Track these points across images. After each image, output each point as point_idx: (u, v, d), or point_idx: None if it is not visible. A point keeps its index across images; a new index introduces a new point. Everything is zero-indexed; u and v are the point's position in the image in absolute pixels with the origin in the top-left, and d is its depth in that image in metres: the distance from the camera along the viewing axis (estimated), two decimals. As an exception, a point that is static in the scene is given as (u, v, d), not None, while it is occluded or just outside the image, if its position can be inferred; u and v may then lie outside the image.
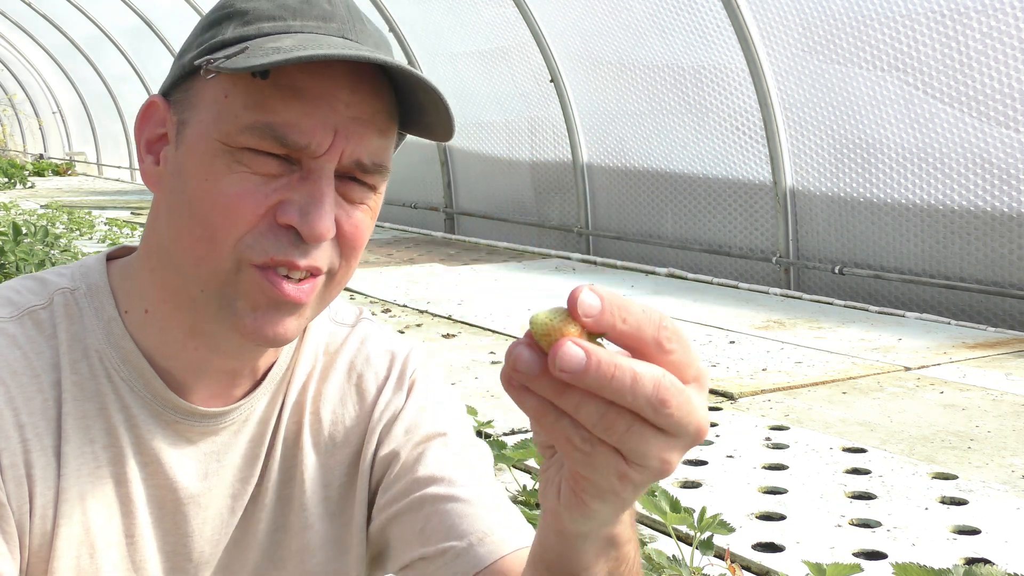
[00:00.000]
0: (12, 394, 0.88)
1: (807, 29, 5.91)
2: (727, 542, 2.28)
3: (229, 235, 0.85)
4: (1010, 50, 5.02)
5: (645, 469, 0.63)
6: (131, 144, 16.60)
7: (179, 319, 0.92)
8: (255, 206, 0.85)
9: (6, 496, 0.87)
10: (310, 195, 0.85)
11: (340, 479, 1.02)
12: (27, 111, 22.09)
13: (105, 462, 0.92)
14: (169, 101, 0.91)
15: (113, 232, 8.67)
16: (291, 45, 0.83)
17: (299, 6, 0.88)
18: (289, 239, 0.86)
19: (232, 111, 0.85)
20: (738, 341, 4.69)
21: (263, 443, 0.99)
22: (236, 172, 0.85)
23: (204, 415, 0.95)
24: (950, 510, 2.62)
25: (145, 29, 13.47)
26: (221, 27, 0.89)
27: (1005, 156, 5.15)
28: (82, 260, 0.99)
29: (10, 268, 5.46)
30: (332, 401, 1.03)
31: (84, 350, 0.92)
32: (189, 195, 0.87)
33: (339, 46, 0.84)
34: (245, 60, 0.81)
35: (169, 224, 0.89)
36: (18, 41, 18.65)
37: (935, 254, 5.51)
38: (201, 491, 0.96)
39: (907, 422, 3.39)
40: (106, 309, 0.94)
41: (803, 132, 6.12)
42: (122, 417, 0.92)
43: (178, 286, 0.90)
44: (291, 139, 0.84)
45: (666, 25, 6.78)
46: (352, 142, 0.86)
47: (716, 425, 3.37)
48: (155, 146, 0.92)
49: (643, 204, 7.41)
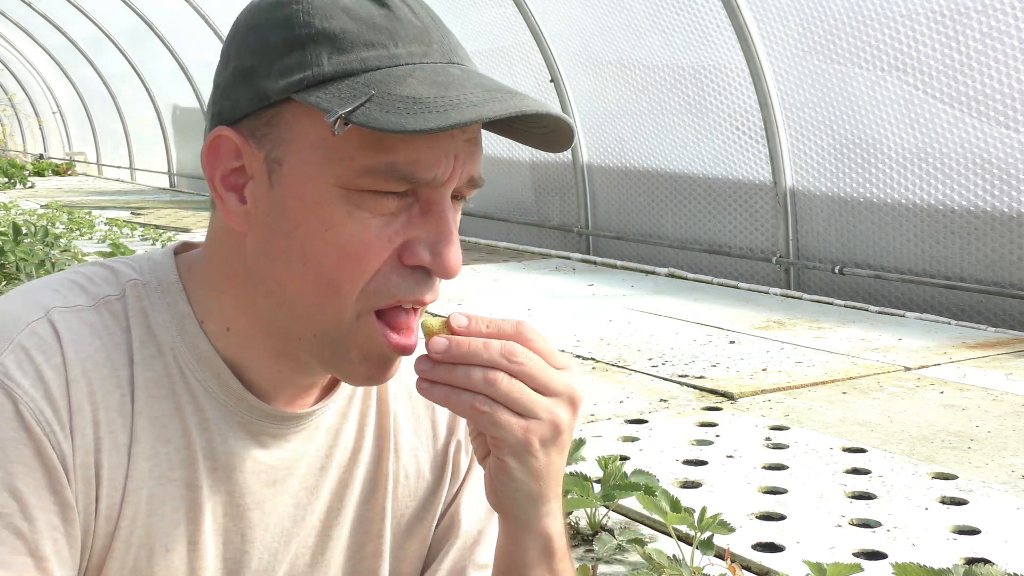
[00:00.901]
0: (93, 387, 0.83)
1: (807, 29, 5.91)
2: (727, 542, 2.28)
3: (354, 286, 0.83)
4: (1010, 50, 5.02)
5: (540, 422, 0.84)
6: (131, 144, 16.60)
7: (268, 344, 0.89)
8: (380, 252, 0.82)
9: (75, 497, 0.82)
10: (438, 232, 0.83)
11: (411, 512, 1.03)
12: (27, 111, 22.09)
13: (177, 464, 0.88)
14: (239, 131, 0.84)
15: (113, 232, 8.67)
16: (428, 94, 0.78)
17: (390, 25, 0.82)
18: (416, 279, 0.84)
19: (345, 153, 0.80)
20: (738, 341, 4.69)
21: (333, 455, 0.97)
22: (356, 219, 0.81)
23: (282, 417, 0.92)
24: (950, 510, 2.62)
25: (145, 29, 13.46)
26: (306, 52, 0.81)
27: (1005, 156, 5.15)
28: (147, 253, 0.95)
29: (10, 268, 5.46)
30: (408, 432, 1.03)
31: (158, 346, 0.88)
32: (302, 242, 0.82)
33: (473, 88, 0.80)
34: (389, 116, 0.76)
35: (273, 266, 0.85)
36: (18, 41, 18.65)
37: (935, 254, 5.51)
38: (267, 497, 0.93)
39: (907, 422, 3.39)
40: (179, 306, 0.89)
41: (803, 132, 6.12)
42: (196, 419, 0.89)
43: (281, 323, 0.87)
44: (417, 176, 0.81)
45: (666, 25, 6.78)
46: (468, 163, 0.84)
47: (716, 425, 3.37)
48: (231, 180, 0.86)
49: (643, 204, 7.41)
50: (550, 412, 0.84)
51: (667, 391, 3.82)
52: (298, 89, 0.80)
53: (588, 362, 4.30)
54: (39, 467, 0.80)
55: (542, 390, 0.84)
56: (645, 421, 3.43)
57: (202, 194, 13.57)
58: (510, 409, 0.83)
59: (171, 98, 14.69)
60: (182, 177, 15.01)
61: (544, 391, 0.84)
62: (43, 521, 0.80)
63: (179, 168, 15.17)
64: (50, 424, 0.81)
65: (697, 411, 3.55)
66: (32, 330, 0.83)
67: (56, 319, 0.85)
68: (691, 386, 3.88)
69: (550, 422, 0.84)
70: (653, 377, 4.04)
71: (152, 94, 14.98)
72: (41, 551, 0.80)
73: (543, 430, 0.84)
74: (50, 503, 0.81)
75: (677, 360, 4.31)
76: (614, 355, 4.42)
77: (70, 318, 0.85)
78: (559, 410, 0.85)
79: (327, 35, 0.81)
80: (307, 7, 0.82)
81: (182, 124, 14.74)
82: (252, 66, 0.83)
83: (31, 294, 0.87)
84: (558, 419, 0.85)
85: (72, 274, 0.90)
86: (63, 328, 0.84)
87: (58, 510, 0.81)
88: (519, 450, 0.84)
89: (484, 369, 0.82)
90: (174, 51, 13.43)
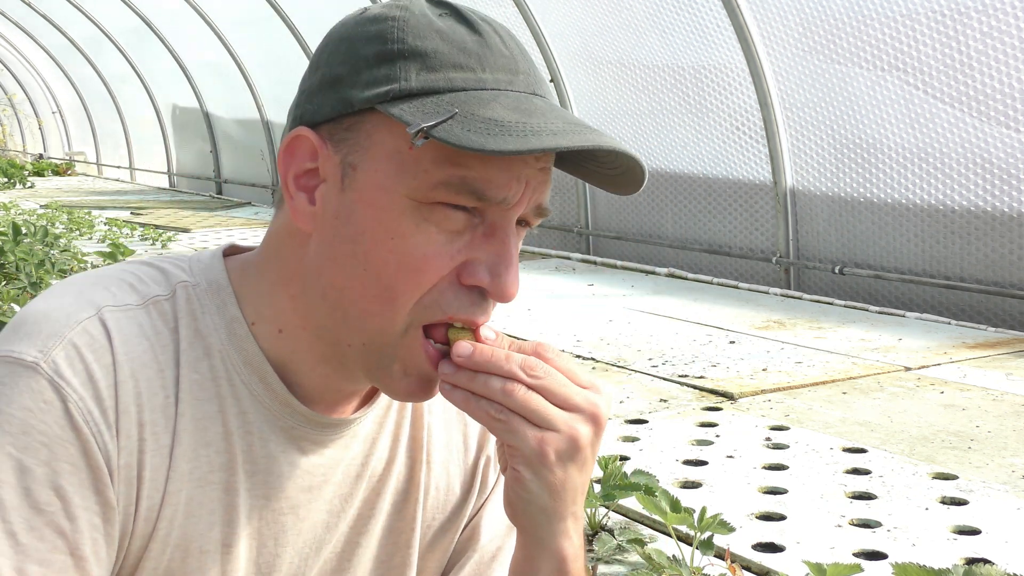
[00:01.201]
0: (140, 389, 0.84)
1: (807, 29, 5.91)
2: (727, 542, 2.28)
3: (411, 297, 0.84)
4: (1010, 50, 5.02)
5: (557, 435, 0.84)
6: (131, 144, 16.60)
7: (318, 348, 0.90)
8: (441, 267, 0.84)
9: (116, 497, 0.83)
10: (499, 255, 0.84)
11: (438, 525, 1.04)
12: (27, 111, 22.08)
13: (217, 467, 0.88)
14: (319, 134, 0.86)
15: (113, 232, 8.66)
16: (510, 119, 0.80)
17: (480, 51, 0.84)
18: (471, 299, 0.85)
19: (420, 165, 0.81)
20: (738, 341, 4.69)
21: (368, 464, 0.98)
22: (423, 231, 0.83)
23: (323, 424, 0.93)
24: (950, 510, 2.62)
25: (145, 29, 13.46)
26: (395, 67, 0.82)
27: (1005, 156, 5.14)
28: (196, 254, 0.95)
29: (10, 268, 5.46)
30: (440, 445, 1.03)
31: (206, 349, 0.88)
32: (366, 248, 0.84)
33: (554, 119, 0.82)
34: (470, 135, 0.77)
35: (335, 269, 0.86)
36: (18, 41, 18.65)
37: (935, 254, 5.51)
38: (302, 503, 0.93)
39: (907, 422, 3.39)
40: (228, 309, 0.90)
41: (803, 132, 6.12)
42: (238, 423, 0.89)
43: (333, 328, 0.88)
44: (489, 194, 0.82)
45: (666, 25, 6.78)
46: (538, 191, 0.85)
47: (716, 425, 3.37)
48: (304, 181, 0.87)
49: (643, 204, 7.41)
50: (568, 426, 0.84)
51: (667, 391, 3.82)
52: (383, 100, 0.82)
53: (588, 362, 4.30)
54: (85, 467, 0.80)
55: (562, 404, 0.84)
56: (645, 421, 3.43)
57: (202, 194, 13.57)
58: (526, 419, 0.83)
59: (171, 98, 14.69)
60: (182, 177, 15.00)
61: (564, 406, 0.84)
62: (85, 521, 0.80)
63: (179, 168, 15.16)
64: (98, 425, 0.81)
65: (697, 411, 3.55)
66: (84, 328, 0.83)
67: (107, 318, 0.85)
68: (691, 386, 3.88)
69: (568, 436, 0.84)
70: (653, 377, 4.03)
71: (152, 94, 14.98)
72: (81, 550, 0.80)
73: (560, 443, 0.84)
74: (93, 503, 0.81)
75: (677, 360, 4.31)
76: (614, 355, 4.41)
77: (120, 317, 0.85)
78: (579, 425, 0.85)
79: (418, 52, 0.83)
80: (402, 24, 0.84)
81: (182, 124, 14.73)
82: (340, 75, 0.85)
83: (82, 290, 0.87)
84: (577, 434, 0.85)
85: (122, 272, 0.91)
86: (114, 328, 0.84)
87: (100, 510, 0.82)
88: (533, 461, 0.84)
89: (503, 380, 0.83)
90: (174, 51, 13.43)
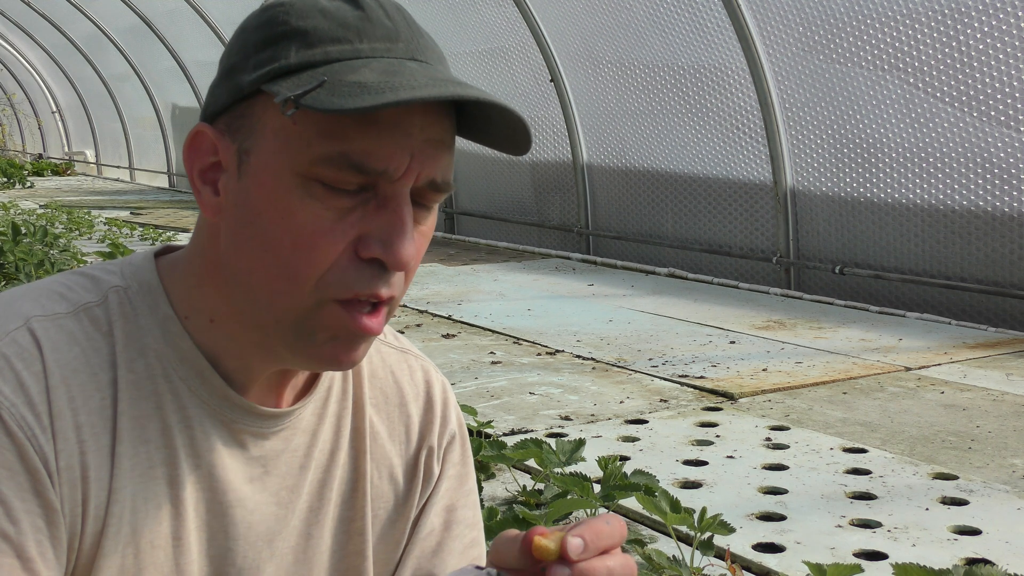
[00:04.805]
0: (73, 394, 0.85)
1: (807, 29, 5.91)
2: (727, 542, 2.28)
3: (310, 275, 0.84)
4: (1010, 49, 5.01)
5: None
6: (131, 144, 16.61)
7: (245, 334, 0.91)
8: (335, 243, 0.84)
9: (59, 500, 0.84)
10: (390, 224, 0.84)
11: (385, 515, 1.05)
12: (26, 111, 22.08)
13: (159, 463, 0.90)
14: (217, 127, 0.88)
15: (112, 232, 8.66)
16: (375, 80, 0.80)
17: (361, 24, 0.85)
18: (372, 272, 0.85)
19: (303, 140, 0.82)
20: (738, 341, 4.69)
21: (311, 454, 0.99)
22: (311, 208, 0.83)
23: (262, 416, 0.94)
24: (950, 510, 2.62)
25: (145, 29, 13.46)
26: (278, 48, 0.85)
27: (1006, 156, 5.14)
28: (128, 257, 0.97)
29: (9, 268, 5.46)
30: (383, 436, 1.05)
31: (140, 349, 0.90)
32: (262, 229, 0.85)
33: (422, 78, 0.82)
34: (333, 99, 0.79)
35: (239, 254, 0.87)
36: (17, 41, 18.65)
37: (936, 254, 5.51)
38: (247, 495, 0.95)
39: (908, 422, 3.39)
40: (160, 308, 0.92)
41: (803, 132, 6.11)
42: (177, 418, 0.90)
43: (250, 311, 0.89)
44: (369, 165, 0.82)
45: (666, 25, 6.78)
46: (427, 165, 0.85)
47: (716, 425, 3.36)
48: (209, 175, 0.89)
49: (643, 204, 7.41)
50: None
51: (667, 391, 3.81)
52: (266, 80, 0.84)
53: (588, 362, 4.30)
54: (22, 471, 0.82)
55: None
56: (645, 421, 3.43)
57: (202, 194, 13.55)
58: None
59: (171, 98, 14.69)
60: (181, 177, 15.00)
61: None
62: (27, 523, 0.82)
63: (178, 168, 15.16)
64: (32, 429, 0.83)
65: (697, 411, 3.55)
66: (12, 339, 0.85)
67: (36, 327, 0.87)
68: (691, 386, 3.88)
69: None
70: (653, 377, 4.03)
71: (152, 94, 14.98)
72: (27, 552, 0.81)
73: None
74: (34, 506, 0.82)
75: (677, 360, 4.31)
76: (614, 355, 4.41)
77: (49, 326, 0.87)
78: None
79: (299, 32, 0.84)
80: (288, 8, 0.86)
81: (182, 124, 14.73)
82: (234, 64, 0.87)
83: (11, 303, 0.89)
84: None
85: (51, 284, 0.93)
86: (43, 336, 0.86)
87: (42, 512, 0.83)
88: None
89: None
90: (174, 51, 13.43)
